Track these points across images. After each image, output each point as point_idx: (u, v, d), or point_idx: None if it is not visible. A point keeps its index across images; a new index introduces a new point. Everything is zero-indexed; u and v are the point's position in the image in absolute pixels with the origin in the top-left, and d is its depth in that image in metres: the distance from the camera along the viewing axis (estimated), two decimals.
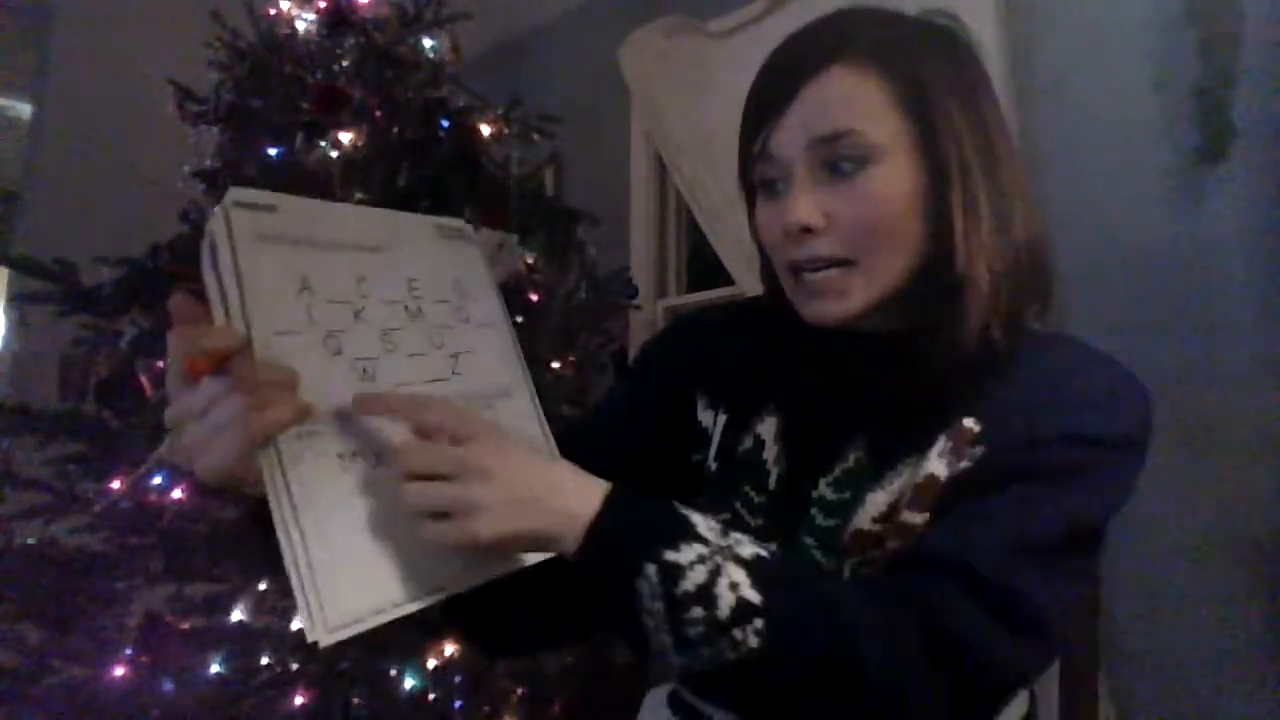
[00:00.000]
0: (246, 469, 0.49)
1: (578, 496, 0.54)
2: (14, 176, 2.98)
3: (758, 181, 0.68)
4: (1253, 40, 1.55)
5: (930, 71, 0.63)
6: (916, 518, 0.63)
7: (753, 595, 0.52)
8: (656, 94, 2.49)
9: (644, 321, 2.53)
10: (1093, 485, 0.60)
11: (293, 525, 0.48)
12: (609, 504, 0.54)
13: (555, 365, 1.79)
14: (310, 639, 0.48)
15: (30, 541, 1.45)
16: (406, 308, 0.59)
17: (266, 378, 0.48)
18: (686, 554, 0.52)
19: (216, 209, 0.51)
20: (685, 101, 2.42)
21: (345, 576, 0.49)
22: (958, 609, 0.54)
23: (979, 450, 0.62)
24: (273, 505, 0.48)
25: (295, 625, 1.42)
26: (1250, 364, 1.53)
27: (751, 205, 0.71)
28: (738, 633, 0.51)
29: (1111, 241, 1.68)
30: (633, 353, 2.19)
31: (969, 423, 0.63)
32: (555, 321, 1.80)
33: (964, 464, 0.62)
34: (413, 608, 0.52)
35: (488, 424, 0.56)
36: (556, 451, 0.64)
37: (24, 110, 2.98)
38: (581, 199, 2.14)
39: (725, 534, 0.55)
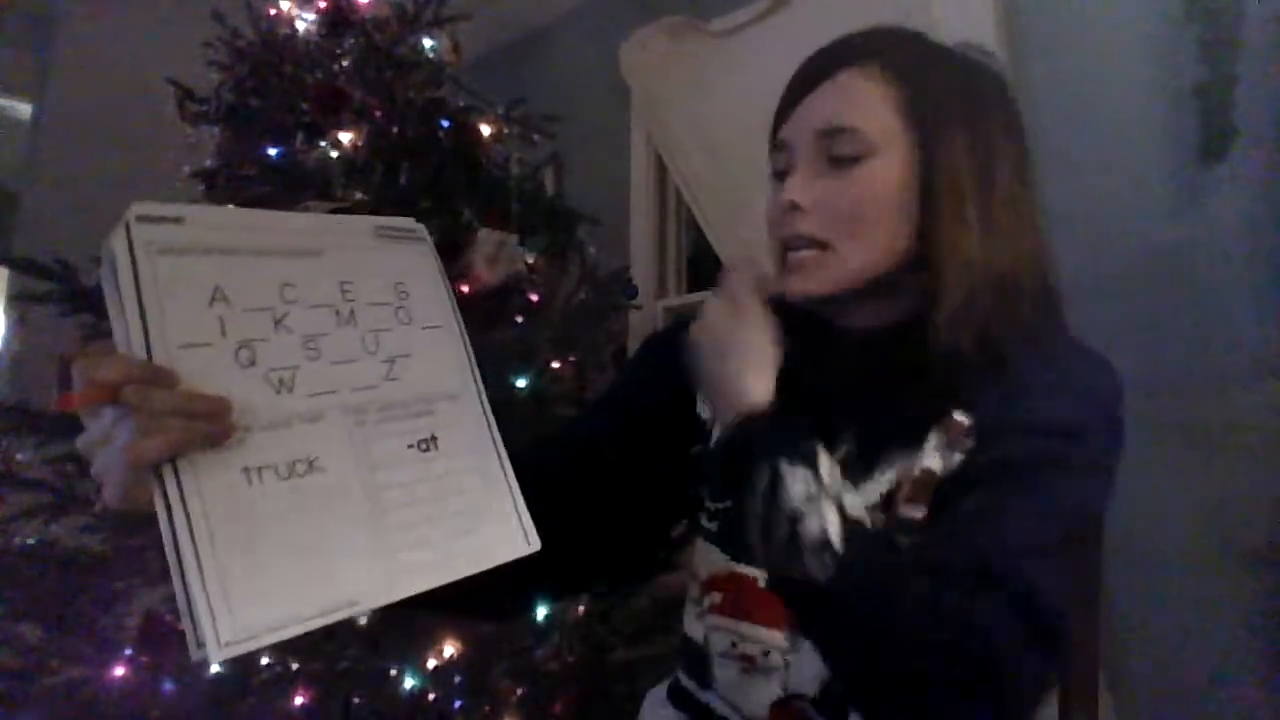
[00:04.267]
0: (146, 494, 0.48)
1: (758, 381, 0.64)
2: (14, 176, 2.98)
3: (773, 171, 0.73)
4: (1253, 40, 1.55)
5: (939, 88, 0.67)
6: (916, 512, 0.65)
7: (835, 537, 0.57)
8: (656, 94, 2.49)
9: (644, 321, 2.53)
10: (1077, 477, 0.62)
11: (185, 540, 0.47)
12: (773, 406, 0.63)
13: (555, 365, 1.79)
14: (196, 657, 0.46)
15: (30, 541, 1.45)
16: (337, 312, 0.58)
17: (162, 405, 0.47)
18: (796, 477, 0.59)
19: (118, 225, 0.50)
20: (686, 101, 2.41)
21: (242, 591, 0.48)
22: (1000, 626, 0.54)
23: (970, 443, 0.64)
24: (161, 522, 0.47)
25: None
26: (1250, 364, 1.53)
27: None
28: (811, 560, 0.57)
29: (1111, 241, 1.68)
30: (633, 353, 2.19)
31: (959, 416, 0.65)
32: (555, 321, 1.80)
33: (957, 456, 0.64)
34: (320, 622, 0.51)
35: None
36: (504, 456, 0.62)
37: (24, 110, 2.98)
38: (581, 199, 2.14)
39: (839, 479, 0.61)
